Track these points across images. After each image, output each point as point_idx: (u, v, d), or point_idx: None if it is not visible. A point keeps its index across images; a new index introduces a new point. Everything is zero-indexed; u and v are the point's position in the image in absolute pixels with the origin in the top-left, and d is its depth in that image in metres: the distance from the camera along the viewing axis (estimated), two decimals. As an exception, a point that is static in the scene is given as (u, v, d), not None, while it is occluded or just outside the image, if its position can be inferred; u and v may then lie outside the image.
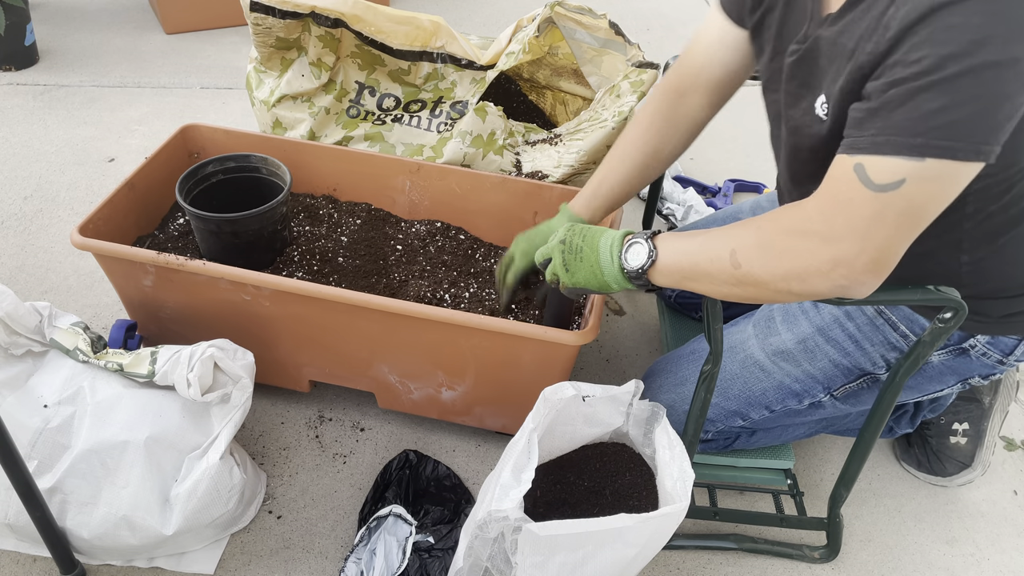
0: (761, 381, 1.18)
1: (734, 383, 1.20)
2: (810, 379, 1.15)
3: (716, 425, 1.24)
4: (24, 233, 1.81)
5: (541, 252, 1.09)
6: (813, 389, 1.15)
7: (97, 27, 2.79)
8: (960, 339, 1.04)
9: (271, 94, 1.66)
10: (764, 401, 1.19)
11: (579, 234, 1.02)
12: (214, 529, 1.17)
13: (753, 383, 1.19)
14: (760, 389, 1.19)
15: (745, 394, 1.20)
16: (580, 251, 1.00)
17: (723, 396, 1.21)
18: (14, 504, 1.06)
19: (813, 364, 1.14)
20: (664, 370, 1.31)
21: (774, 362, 1.17)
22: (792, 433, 1.30)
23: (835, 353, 1.12)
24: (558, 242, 1.03)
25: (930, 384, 1.13)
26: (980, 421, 1.38)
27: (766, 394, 1.18)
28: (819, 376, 1.14)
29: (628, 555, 0.95)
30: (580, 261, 1.00)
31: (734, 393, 1.20)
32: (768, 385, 1.18)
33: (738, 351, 1.21)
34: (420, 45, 1.62)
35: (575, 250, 1.01)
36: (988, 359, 1.06)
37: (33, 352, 1.17)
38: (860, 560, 1.30)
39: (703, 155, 2.36)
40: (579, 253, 1.00)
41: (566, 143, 1.60)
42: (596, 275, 1.00)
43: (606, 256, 0.98)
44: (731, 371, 1.21)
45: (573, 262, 1.01)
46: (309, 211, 1.57)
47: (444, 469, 1.33)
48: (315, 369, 1.37)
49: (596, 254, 0.99)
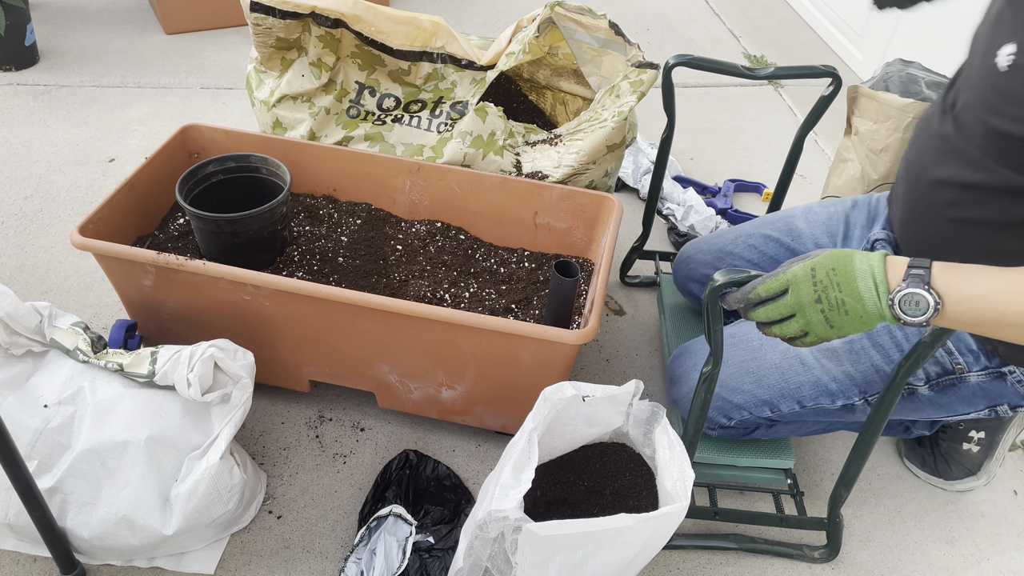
0: (799, 375, 1.17)
1: (771, 373, 1.19)
2: (849, 380, 1.14)
3: (743, 413, 1.22)
4: (24, 233, 1.81)
5: (766, 312, 0.88)
6: (849, 391, 1.15)
7: (97, 27, 2.79)
8: (1000, 363, 1.04)
9: (271, 94, 1.66)
10: (798, 396, 1.18)
11: (831, 283, 0.84)
12: (214, 529, 1.17)
13: (791, 375, 1.18)
14: (796, 383, 1.18)
15: (781, 385, 1.18)
16: (843, 305, 0.84)
17: (758, 384, 1.20)
18: (14, 504, 1.06)
19: (855, 366, 1.13)
20: (699, 351, 1.29)
21: (816, 358, 1.16)
22: (810, 428, 1.29)
23: (879, 359, 1.11)
24: (812, 302, 0.85)
25: (960, 405, 1.12)
26: (997, 432, 1.37)
27: (801, 389, 1.17)
28: (859, 379, 1.14)
29: (628, 555, 0.95)
30: (846, 315, 0.84)
31: (770, 383, 1.19)
32: (805, 380, 1.17)
33: (780, 342, 1.19)
34: (420, 45, 1.62)
35: (837, 305, 0.84)
36: (1022, 387, 1.06)
37: (33, 352, 1.17)
38: (860, 560, 1.30)
39: (703, 155, 2.36)
40: (842, 307, 0.84)
41: (566, 143, 1.60)
42: (865, 324, 0.85)
43: (872, 304, 0.82)
44: (770, 361, 1.19)
45: (838, 318, 0.84)
46: (309, 211, 1.57)
47: (444, 469, 1.33)
48: (315, 369, 1.37)
49: (861, 303, 0.83)
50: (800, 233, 1.37)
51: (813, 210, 1.39)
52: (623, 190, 2.17)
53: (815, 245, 1.35)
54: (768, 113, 2.64)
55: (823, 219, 1.36)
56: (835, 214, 1.34)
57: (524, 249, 1.57)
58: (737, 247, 1.43)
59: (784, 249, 1.38)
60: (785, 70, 1.43)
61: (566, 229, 1.54)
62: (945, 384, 1.10)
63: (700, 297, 1.51)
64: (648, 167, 2.14)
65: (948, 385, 1.10)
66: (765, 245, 1.40)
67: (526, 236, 1.56)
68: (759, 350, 1.22)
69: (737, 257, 1.43)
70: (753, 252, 1.41)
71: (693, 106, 2.59)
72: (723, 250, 1.45)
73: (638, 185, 2.13)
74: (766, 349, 1.21)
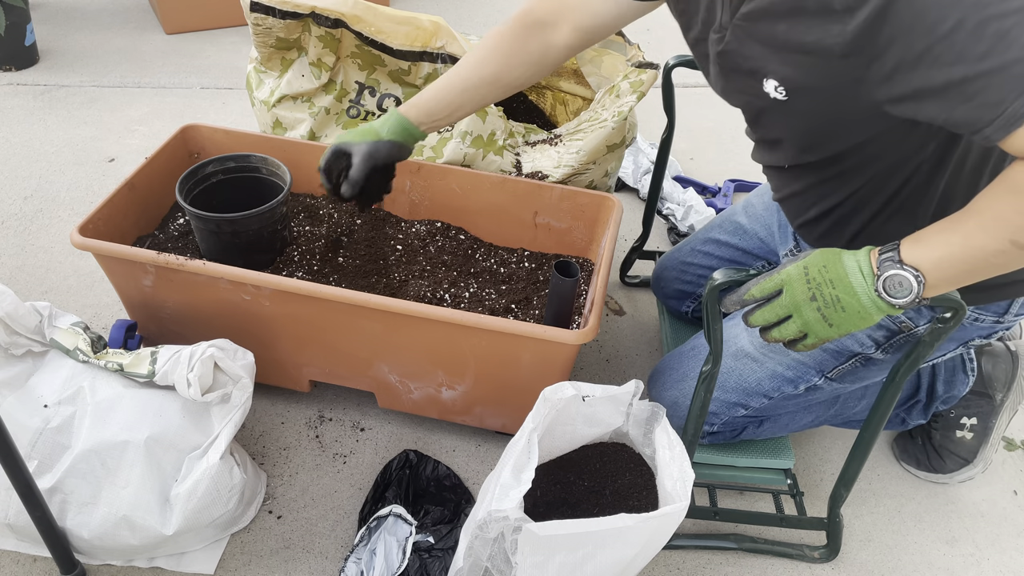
0: (755, 372, 1.20)
1: (730, 376, 1.22)
2: (801, 366, 1.16)
3: (720, 417, 1.25)
4: (24, 233, 1.81)
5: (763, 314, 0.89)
6: (807, 374, 1.17)
7: (97, 27, 2.80)
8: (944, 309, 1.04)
9: (271, 94, 1.66)
10: (761, 390, 1.20)
11: (824, 281, 0.84)
12: (214, 529, 1.17)
13: (747, 374, 1.21)
14: (755, 379, 1.20)
15: (742, 385, 1.21)
16: (838, 302, 0.84)
17: (721, 389, 1.22)
18: (14, 504, 1.06)
19: (801, 352, 1.13)
20: (667, 367, 1.32)
21: (763, 353, 1.19)
22: (800, 422, 1.30)
23: None
24: (807, 300, 0.85)
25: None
26: (989, 417, 1.38)
27: (761, 383, 1.20)
28: (809, 362, 1.16)
29: (628, 555, 0.95)
30: (843, 312, 0.84)
31: (731, 386, 1.22)
32: (762, 375, 1.19)
33: (730, 344, 1.22)
34: (420, 45, 1.62)
35: (832, 302, 0.84)
36: (982, 323, 1.06)
37: (33, 352, 1.17)
38: (860, 560, 1.30)
39: (703, 155, 2.36)
40: (838, 304, 0.84)
41: (566, 143, 1.60)
42: (864, 320, 0.85)
43: (867, 298, 0.83)
44: (726, 364, 1.22)
45: (835, 315, 0.84)
46: (309, 211, 1.57)
47: (444, 469, 1.33)
48: (315, 369, 1.37)
49: (856, 298, 0.83)
50: (744, 230, 1.41)
51: (751, 203, 1.42)
52: (623, 190, 2.17)
53: (758, 240, 1.39)
54: (768, 113, 2.63)
55: (760, 211, 1.39)
56: (769, 204, 1.37)
57: (524, 249, 1.57)
58: (695, 257, 1.48)
59: (735, 249, 1.42)
60: (785, 70, 1.43)
61: (566, 229, 1.54)
62: (898, 344, 1.09)
63: (681, 310, 1.56)
64: (648, 167, 2.14)
65: (902, 343, 1.09)
66: (718, 250, 1.44)
67: (526, 236, 1.56)
68: None
69: (696, 267, 1.48)
70: (709, 259, 1.46)
71: (693, 106, 2.59)
72: (683, 262, 1.51)
73: (638, 185, 2.13)
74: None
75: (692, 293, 1.51)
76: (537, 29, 1.13)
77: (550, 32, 1.13)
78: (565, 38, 1.13)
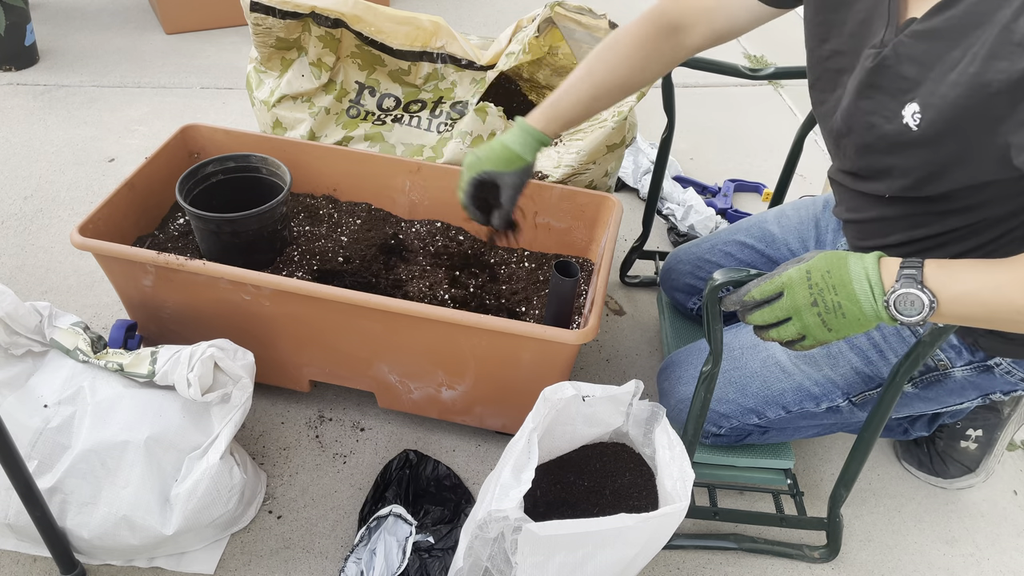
0: (781, 381, 1.18)
1: (753, 381, 1.20)
2: (830, 384, 1.15)
3: (731, 421, 1.23)
4: (24, 233, 1.81)
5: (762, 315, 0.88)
6: (832, 394, 1.15)
7: (97, 27, 2.80)
8: (986, 356, 1.04)
9: (271, 94, 1.66)
10: (782, 401, 1.18)
11: (827, 287, 0.83)
12: (214, 529, 1.17)
13: (773, 383, 1.18)
14: (779, 389, 1.18)
15: (764, 393, 1.19)
16: (839, 308, 0.83)
17: (741, 393, 1.20)
18: (14, 504, 1.06)
19: (835, 370, 1.13)
20: (679, 363, 1.30)
21: (795, 364, 1.16)
22: (804, 432, 1.29)
23: (858, 361, 1.11)
24: (808, 304, 0.84)
25: (950, 397, 1.12)
26: (995, 430, 1.37)
27: (784, 395, 1.18)
28: (839, 382, 1.14)
29: (628, 555, 0.95)
30: (843, 318, 0.83)
31: (752, 391, 1.20)
32: (787, 386, 1.17)
33: (760, 349, 1.20)
34: (420, 45, 1.62)
35: (833, 308, 0.83)
36: (1012, 377, 1.05)
37: (33, 352, 1.17)
38: (860, 560, 1.30)
39: (703, 155, 2.36)
40: (839, 310, 0.83)
41: (566, 143, 1.60)
42: (863, 326, 0.84)
43: (868, 307, 0.82)
44: (751, 369, 1.20)
45: (835, 321, 0.83)
46: (309, 211, 1.57)
47: (444, 469, 1.33)
48: (315, 369, 1.37)
49: (858, 306, 0.82)
50: (774, 238, 1.38)
51: (785, 214, 1.40)
52: (623, 190, 2.17)
53: (788, 251, 1.36)
54: (768, 113, 2.64)
55: (795, 223, 1.37)
56: (806, 218, 1.35)
57: (524, 249, 1.57)
58: (714, 255, 1.45)
59: (759, 255, 1.40)
60: (785, 70, 1.43)
61: (566, 229, 1.54)
62: (930, 381, 1.10)
63: (687, 306, 1.54)
64: (648, 167, 2.14)
65: (933, 381, 1.09)
66: (741, 252, 1.42)
67: (526, 236, 1.56)
68: (740, 359, 1.23)
69: (714, 265, 1.45)
70: (729, 260, 1.43)
71: (693, 106, 2.59)
72: (701, 259, 1.48)
73: (638, 185, 2.13)
74: (747, 358, 1.21)
75: (703, 290, 1.50)
76: (671, 31, 1.10)
77: (684, 34, 1.10)
78: (697, 40, 1.10)
